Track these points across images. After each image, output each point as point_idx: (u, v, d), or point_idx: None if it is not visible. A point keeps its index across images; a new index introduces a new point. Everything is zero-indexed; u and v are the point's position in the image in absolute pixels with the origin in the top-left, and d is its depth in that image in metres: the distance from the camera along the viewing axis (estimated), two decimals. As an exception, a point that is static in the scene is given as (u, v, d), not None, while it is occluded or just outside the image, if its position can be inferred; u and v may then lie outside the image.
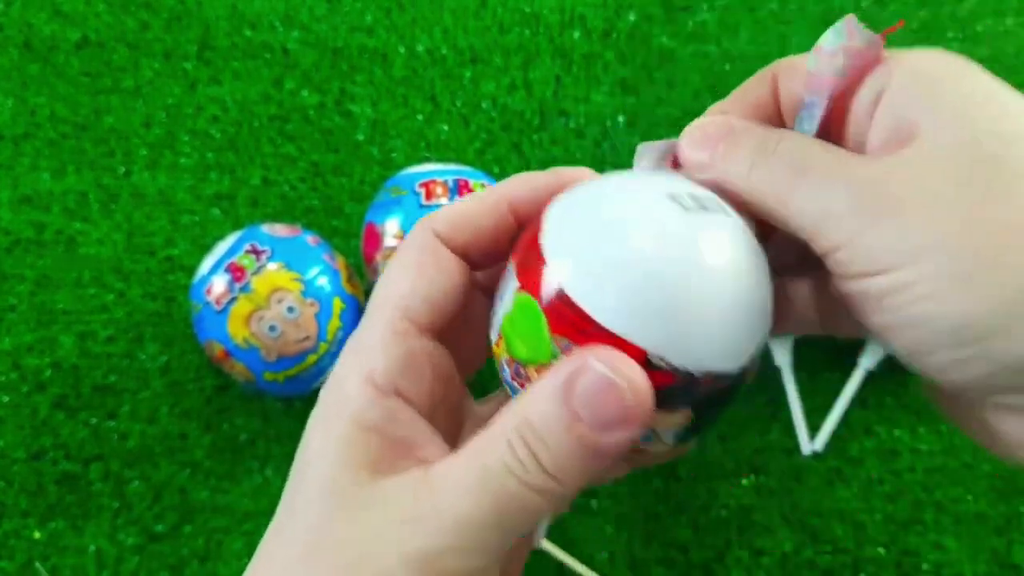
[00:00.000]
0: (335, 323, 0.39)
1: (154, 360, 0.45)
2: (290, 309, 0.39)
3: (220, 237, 0.43)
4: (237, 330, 0.39)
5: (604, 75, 0.51)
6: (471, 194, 0.34)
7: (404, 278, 0.21)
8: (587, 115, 0.50)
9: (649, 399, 0.18)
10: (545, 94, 0.51)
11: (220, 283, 0.39)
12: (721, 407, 0.20)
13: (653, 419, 0.18)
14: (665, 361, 0.18)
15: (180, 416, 0.44)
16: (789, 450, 0.43)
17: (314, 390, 0.41)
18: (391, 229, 0.41)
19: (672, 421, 0.20)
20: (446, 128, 0.50)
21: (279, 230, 0.41)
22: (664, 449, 0.21)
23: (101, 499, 0.42)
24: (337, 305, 0.40)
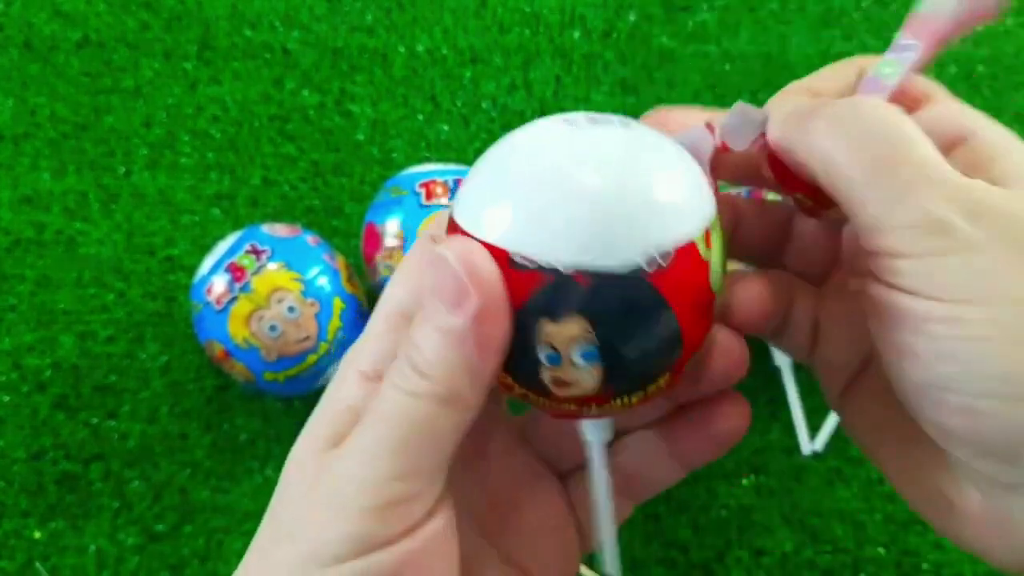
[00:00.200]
0: (335, 323, 0.39)
1: (154, 360, 0.45)
2: (290, 309, 0.39)
3: (220, 237, 0.43)
4: (237, 330, 0.39)
5: (604, 75, 0.51)
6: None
7: (402, 283, 0.21)
8: (587, 115, 0.50)
9: (488, 272, 0.18)
10: (545, 94, 0.51)
11: (220, 283, 0.39)
12: (626, 323, 0.18)
13: (502, 301, 0.18)
14: (527, 258, 0.18)
15: (180, 416, 0.44)
16: (789, 450, 0.43)
17: (314, 390, 0.41)
18: (391, 229, 0.41)
19: (567, 333, 0.18)
20: (446, 128, 0.50)
21: (279, 230, 0.41)
22: (584, 381, 0.19)
23: (101, 499, 0.42)
24: (337, 305, 0.40)
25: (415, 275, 0.21)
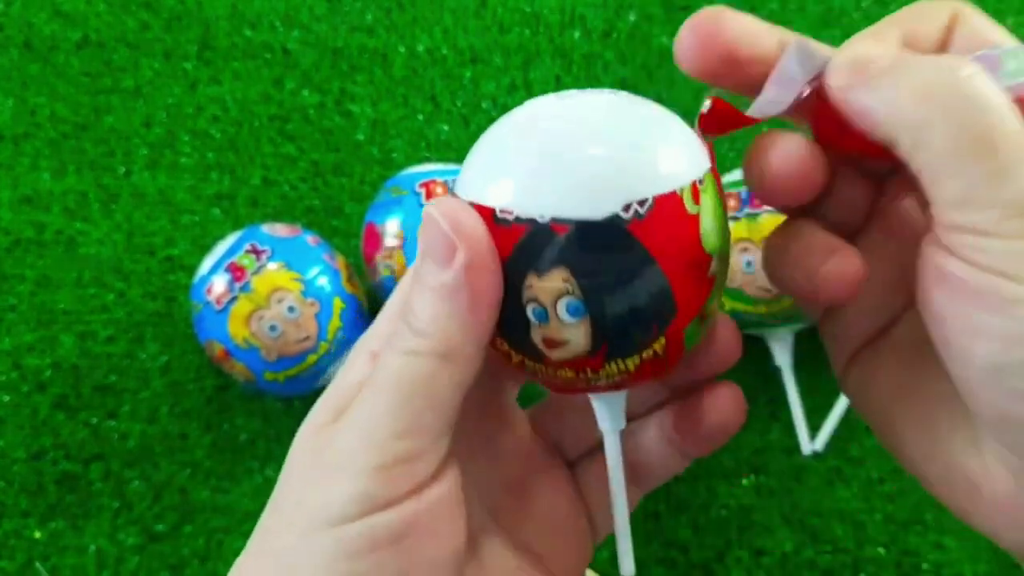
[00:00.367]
0: (335, 323, 0.39)
1: (154, 360, 0.45)
2: (290, 309, 0.39)
3: (220, 237, 0.43)
4: (237, 330, 0.39)
5: (604, 75, 0.51)
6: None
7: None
8: (587, 115, 0.50)
9: (472, 226, 0.18)
10: (545, 94, 0.51)
11: (220, 283, 0.39)
12: (607, 272, 0.18)
13: (489, 252, 0.19)
14: (507, 212, 0.19)
15: (180, 416, 0.44)
16: (789, 450, 0.43)
17: (314, 390, 0.41)
18: (391, 229, 0.41)
19: (551, 286, 0.19)
20: (446, 128, 0.50)
21: (279, 230, 0.41)
22: (574, 340, 0.19)
23: (101, 499, 0.42)
24: (337, 305, 0.40)
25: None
